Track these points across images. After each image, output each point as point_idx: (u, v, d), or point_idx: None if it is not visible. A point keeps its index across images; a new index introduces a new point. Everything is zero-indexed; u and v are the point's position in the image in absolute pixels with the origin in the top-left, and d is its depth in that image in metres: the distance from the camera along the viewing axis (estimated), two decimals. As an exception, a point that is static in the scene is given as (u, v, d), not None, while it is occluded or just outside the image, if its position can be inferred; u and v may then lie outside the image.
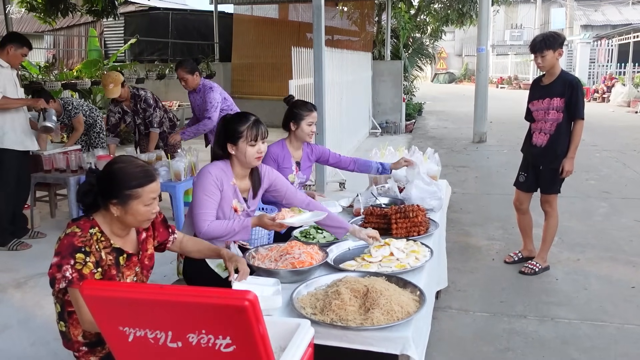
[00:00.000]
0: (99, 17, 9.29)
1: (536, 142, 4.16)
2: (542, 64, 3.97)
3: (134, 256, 2.09)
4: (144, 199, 1.96)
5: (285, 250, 2.41)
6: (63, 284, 1.84)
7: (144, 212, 1.98)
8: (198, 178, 2.62)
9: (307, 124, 3.43)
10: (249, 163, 2.62)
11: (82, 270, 1.86)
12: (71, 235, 1.90)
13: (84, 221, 1.98)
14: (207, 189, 2.56)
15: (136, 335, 1.35)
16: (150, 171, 2.02)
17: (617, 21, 28.36)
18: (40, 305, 3.63)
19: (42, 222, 5.50)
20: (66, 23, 15.48)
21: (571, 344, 3.22)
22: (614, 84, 19.57)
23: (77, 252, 1.87)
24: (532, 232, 4.52)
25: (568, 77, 4.05)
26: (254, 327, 1.24)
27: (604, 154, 9.40)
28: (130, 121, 5.51)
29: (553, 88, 4.02)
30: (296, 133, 3.47)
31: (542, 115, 4.09)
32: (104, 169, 1.99)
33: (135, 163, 2.00)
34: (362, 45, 13.62)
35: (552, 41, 3.90)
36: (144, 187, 1.95)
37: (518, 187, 4.40)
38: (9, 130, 4.53)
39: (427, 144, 10.03)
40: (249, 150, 2.57)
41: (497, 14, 19.65)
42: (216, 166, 2.63)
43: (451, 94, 25.50)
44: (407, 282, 2.15)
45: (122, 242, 2.06)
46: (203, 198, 2.55)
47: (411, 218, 2.77)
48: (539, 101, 4.11)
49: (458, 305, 3.73)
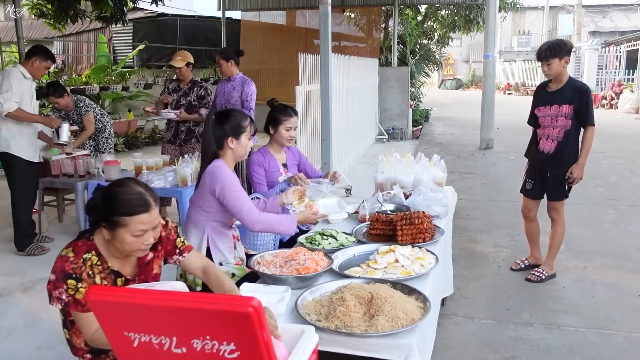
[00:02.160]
0: (108, 23, 9.36)
1: (543, 148, 4.14)
2: (548, 71, 3.97)
3: (132, 281, 2.03)
4: (131, 229, 1.84)
5: (290, 257, 2.41)
6: (59, 305, 1.84)
7: (131, 242, 1.87)
8: (228, 177, 2.64)
9: (285, 128, 3.47)
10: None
11: (75, 295, 1.83)
12: (64, 260, 1.86)
13: (82, 243, 1.93)
14: (236, 184, 2.64)
15: (141, 341, 1.36)
16: (147, 201, 1.87)
17: (626, 27, 28.29)
18: (46, 309, 3.64)
19: (50, 226, 5.54)
20: (75, 29, 15.64)
21: (578, 352, 3.20)
22: (622, 91, 19.49)
23: (68, 278, 1.83)
24: (540, 239, 4.50)
25: (577, 84, 4.04)
26: (258, 334, 1.24)
27: (612, 161, 9.35)
28: (174, 100, 5.65)
29: (561, 95, 4.00)
30: (275, 137, 3.51)
31: (550, 121, 4.07)
32: (105, 188, 1.91)
33: (133, 189, 1.88)
34: (369, 51, 13.66)
35: (558, 49, 3.88)
36: (133, 216, 1.83)
37: (525, 194, 4.38)
38: (17, 136, 4.60)
39: (433, 150, 10.01)
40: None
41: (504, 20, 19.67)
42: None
43: (458, 100, 25.47)
44: (412, 289, 2.15)
45: (121, 265, 2.00)
46: (239, 193, 2.62)
47: (417, 225, 2.76)
48: (547, 107, 4.08)
49: (464, 313, 3.72)
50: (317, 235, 2.87)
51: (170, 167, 4.86)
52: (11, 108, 4.41)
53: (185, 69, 5.59)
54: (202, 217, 2.70)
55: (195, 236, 2.72)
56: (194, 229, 2.72)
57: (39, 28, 16.89)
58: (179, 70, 5.58)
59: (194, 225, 2.72)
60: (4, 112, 4.40)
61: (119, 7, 8.62)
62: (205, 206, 2.68)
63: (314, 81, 6.90)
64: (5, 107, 4.39)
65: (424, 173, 3.67)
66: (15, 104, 4.44)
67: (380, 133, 12.09)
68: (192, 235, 2.73)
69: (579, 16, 31.52)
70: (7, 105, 4.40)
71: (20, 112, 4.49)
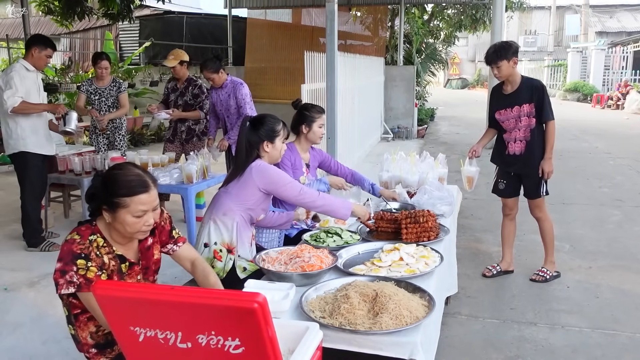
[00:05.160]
0: (115, 20, 9.41)
1: (513, 151, 4.07)
2: (499, 74, 3.95)
3: (136, 265, 2.07)
4: (132, 210, 1.88)
5: (295, 254, 2.42)
6: (72, 289, 1.84)
7: (132, 223, 1.90)
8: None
9: (318, 125, 3.49)
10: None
11: (86, 275, 1.85)
12: (70, 242, 1.89)
13: (86, 227, 1.96)
14: (283, 178, 2.79)
15: (147, 336, 1.37)
16: (146, 182, 1.92)
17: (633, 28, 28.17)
18: (52, 304, 3.67)
19: (56, 222, 5.57)
20: (82, 26, 15.68)
21: (581, 352, 3.20)
22: (629, 91, 19.40)
23: (77, 258, 1.85)
24: (514, 242, 4.44)
25: (532, 82, 4.04)
26: (262, 329, 1.25)
27: (618, 162, 9.32)
28: (173, 100, 5.63)
29: (519, 95, 3.97)
30: (307, 135, 3.50)
31: (515, 123, 4.02)
32: (104, 173, 1.97)
33: (132, 171, 1.93)
34: (375, 50, 13.64)
35: (504, 51, 3.87)
36: (132, 197, 1.87)
37: (499, 194, 4.32)
38: (31, 134, 4.59)
39: (439, 150, 9.96)
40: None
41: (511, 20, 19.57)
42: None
43: (464, 100, 25.40)
44: (416, 287, 2.15)
45: (124, 250, 2.03)
46: (289, 184, 2.77)
47: (421, 223, 2.76)
48: (507, 110, 4.04)
49: (468, 312, 3.72)
50: (322, 233, 2.89)
51: (175, 164, 4.88)
52: (15, 103, 4.40)
53: (179, 68, 5.50)
54: (236, 207, 2.77)
55: (224, 223, 2.77)
56: (223, 216, 2.78)
57: (46, 25, 16.94)
58: (173, 69, 5.51)
59: (223, 214, 2.78)
60: (9, 109, 4.40)
61: (125, 5, 8.65)
62: (243, 196, 2.77)
63: (319, 79, 6.90)
64: (9, 104, 4.39)
65: (429, 172, 3.68)
66: (19, 98, 4.42)
67: (385, 132, 12.08)
68: (221, 223, 2.77)
69: (586, 16, 31.38)
70: (10, 101, 4.38)
71: (24, 105, 4.47)
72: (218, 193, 2.90)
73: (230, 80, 5.31)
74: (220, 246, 2.77)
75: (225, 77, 5.30)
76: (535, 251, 4.66)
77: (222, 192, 2.87)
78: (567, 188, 7.25)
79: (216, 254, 2.76)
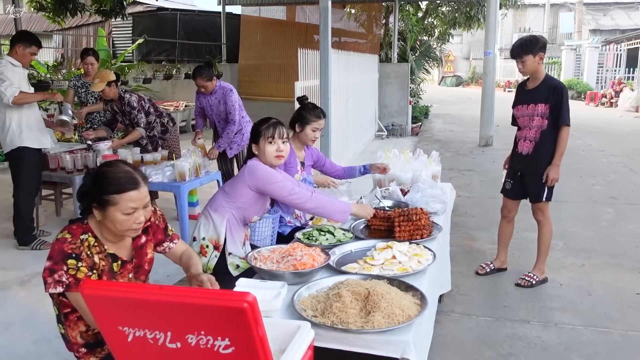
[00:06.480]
0: (108, 17, 9.34)
1: (521, 150, 4.01)
2: (523, 69, 3.84)
3: (128, 263, 2.06)
4: (121, 207, 1.87)
5: (287, 252, 2.41)
6: (60, 289, 1.83)
7: (122, 221, 1.89)
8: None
9: (311, 129, 3.46)
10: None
11: (76, 275, 1.83)
12: (61, 241, 1.87)
13: (77, 226, 1.95)
14: (274, 177, 2.76)
15: (135, 335, 1.35)
16: (135, 179, 1.91)
17: (626, 26, 28.29)
18: (43, 303, 3.63)
19: (48, 220, 5.53)
20: (75, 23, 15.60)
21: (574, 350, 3.20)
22: (622, 89, 19.49)
23: (68, 258, 1.84)
24: (510, 242, 4.42)
25: (553, 82, 3.89)
26: (252, 329, 1.24)
27: (611, 159, 9.35)
28: (121, 120, 5.40)
29: (537, 93, 3.87)
30: (299, 135, 3.49)
31: (527, 121, 3.94)
32: (94, 170, 1.96)
33: (121, 168, 1.92)
34: (369, 47, 13.63)
35: (531, 46, 3.76)
36: (122, 194, 1.86)
37: (505, 194, 4.26)
38: (26, 128, 4.55)
39: (433, 147, 10.01)
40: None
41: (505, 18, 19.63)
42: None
43: (458, 97, 25.45)
44: (409, 285, 2.14)
45: (116, 248, 2.02)
46: (279, 183, 2.74)
47: (414, 221, 2.75)
48: (524, 106, 3.96)
49: (461, 310, 3.72)
50: (315, 231, 2.87)
51: (168, 162, 4.85)
52: (15, 93, 4.34)
53: (108, 90, 5.02)
54: (227, 205, 2.79)
55: (214, 219, 2.79)
56: (214, 212, 2.81)
57: (38, 21, 16.81)
58: (102, 92, 5.05)
59: (214, 210, 2.81)
60: (9, 99, 4.32)
61: (118, 1, 8.61)
62: (234, 195, 2.79)
63: (313, 77, 6.88)
64: (8, 95, 4.31)
65: (422, 170, 3.67)
66: (17, 89, 4.37)
67: (379, 129, 12.08)
68: (212, 219, 2.80)
69: (580, 14, 31.49)
70: (9, 92, 4.31)
71: (23, 95, 4.42)
72: (217, 190, 2.97)
73: (220, 86, 5.27)
74: (207, 242, 2.79)
75: (215, 83, 5.27)
76: (529, 249, 4.66)
77: (219, 190, 2.94)
78: (561, 185, 7.19)
79: (202, 249, 2.79)
